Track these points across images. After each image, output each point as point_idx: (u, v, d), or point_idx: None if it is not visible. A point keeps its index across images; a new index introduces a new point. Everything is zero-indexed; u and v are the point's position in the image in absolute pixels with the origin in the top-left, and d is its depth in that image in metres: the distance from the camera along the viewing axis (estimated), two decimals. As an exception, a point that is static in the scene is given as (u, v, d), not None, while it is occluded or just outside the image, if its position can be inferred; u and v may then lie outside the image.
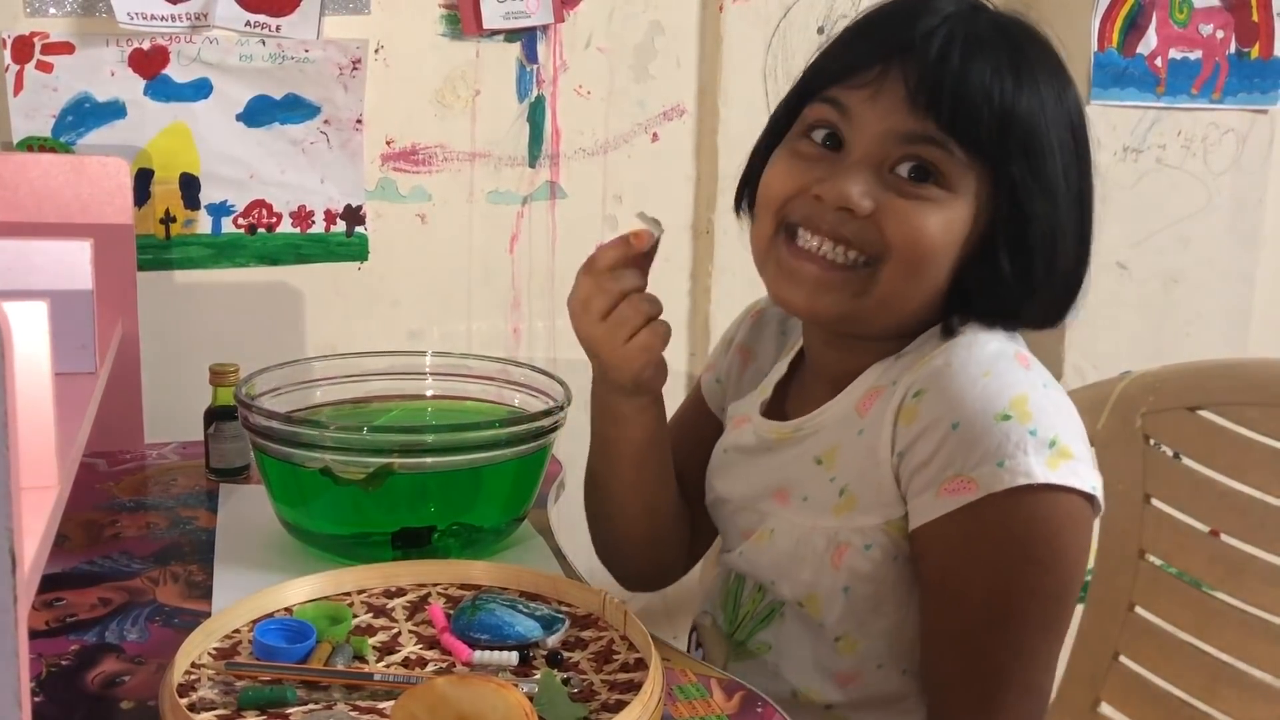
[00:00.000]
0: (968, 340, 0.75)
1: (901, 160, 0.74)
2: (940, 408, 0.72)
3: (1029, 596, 0.71)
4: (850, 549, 0.76)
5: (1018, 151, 0.74)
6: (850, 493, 0.77)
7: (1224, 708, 1.00)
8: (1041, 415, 0.71)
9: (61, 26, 1.23)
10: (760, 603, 0.86)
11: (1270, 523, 0.99)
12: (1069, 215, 0.77)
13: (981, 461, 0.70)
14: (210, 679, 0.70)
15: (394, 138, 1.37)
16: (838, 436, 0.80)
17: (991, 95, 0.73)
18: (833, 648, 0.80)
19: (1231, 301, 1.66)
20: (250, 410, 0.92)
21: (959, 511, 0.71)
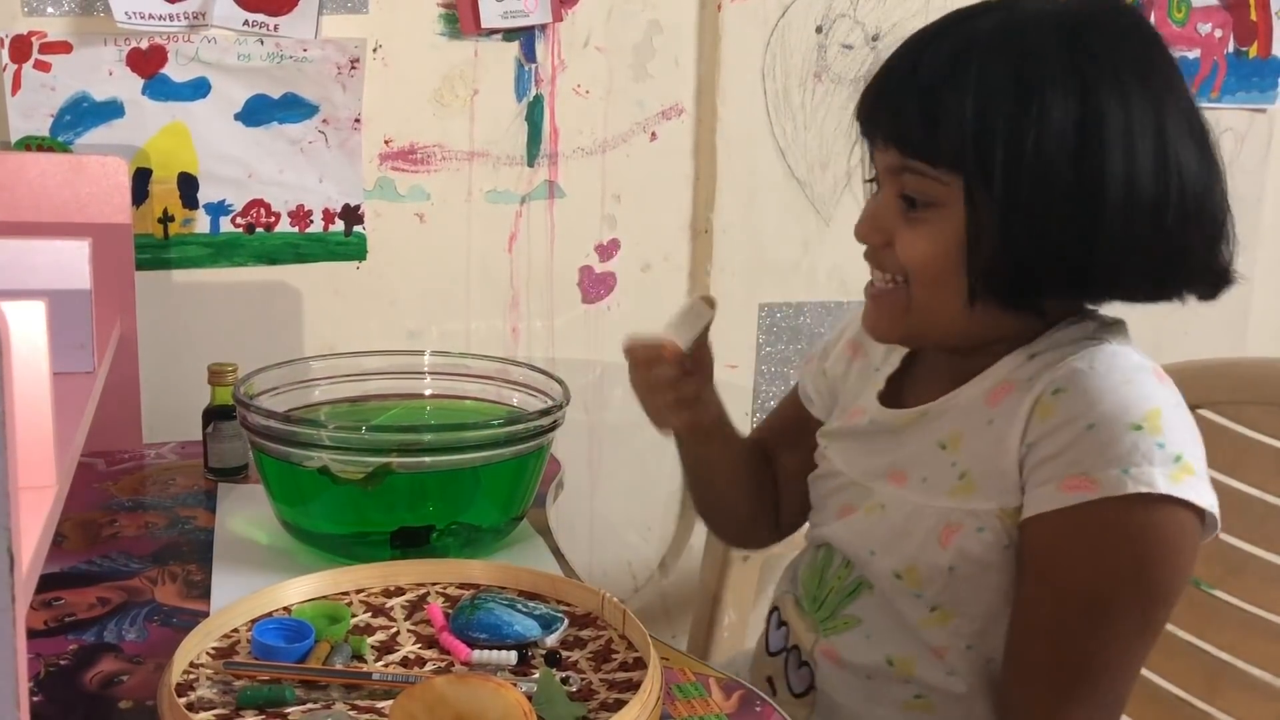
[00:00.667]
0: (1112, 349, 0.78)
1: (902, 188, 0.79)
2: (1079, 406, 0.74)
3: (1128, 599, 0.74)
4: (962, 530, 0.79)
5: (974, 151, 0.74)
6: (970, 477, 0.79)
7: (1223, 706, 1.00)
8: (1171, 430, 0.74)
9: (59, 26, 1.23)
10: (847, 578, 0.87)
11: (1269, 521, 0.99)
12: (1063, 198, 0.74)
13: (1109, 465, 0.72)
14: (209, 678, 0.70)
15: (392, 137, 1.37)
16: (963, 424, 0.82)
17: (932, 112, 0.75)
18: (924, 619, 0.82)
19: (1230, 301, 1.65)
20: (249, 410, 0.92)
21: (1076, 508, 0.73)
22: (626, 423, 1.53)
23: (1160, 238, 0.76)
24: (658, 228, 1.50)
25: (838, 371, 0.97)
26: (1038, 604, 0.77)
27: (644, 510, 1.56)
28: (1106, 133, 0.74)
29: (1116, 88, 0.74)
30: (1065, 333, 0.81)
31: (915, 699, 0.84)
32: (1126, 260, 0.76)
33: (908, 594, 0.82)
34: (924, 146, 0.76)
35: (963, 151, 0.75)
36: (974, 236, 0.76)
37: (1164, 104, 0.76)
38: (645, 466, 1.54)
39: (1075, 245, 0.75)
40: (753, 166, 1.49)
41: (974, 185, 0.75)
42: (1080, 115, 0.74)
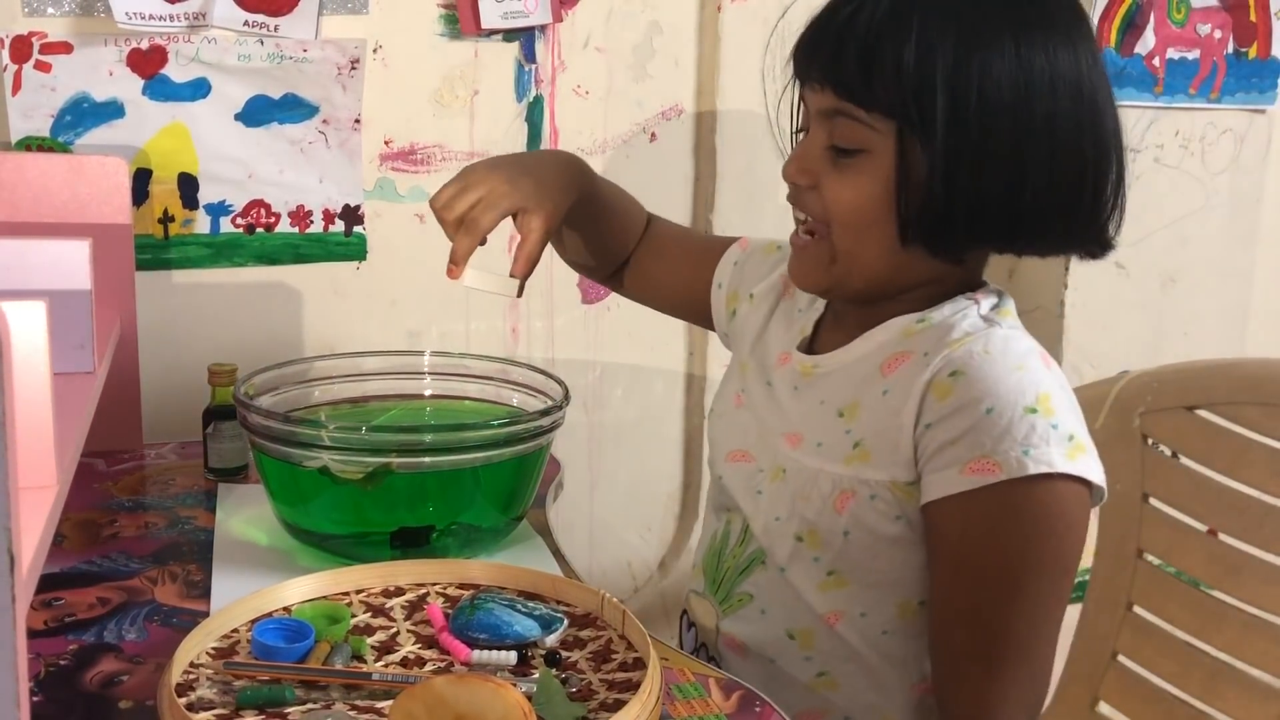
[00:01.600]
0: (1003, 334, 0.81)
1: (830, 135, 0.80)
2: (977, 390, 0.77)
3: (1039, 572, 0.77)
4: (856, 497, 0.82)
5: (913, 99, 0.76)
6: (865, 447, 0.82)
7: (1222, 707, 1.00)
8: (1061, 412, 0.78)
9: (60, 26, 1.23)
10: (741, 555, 0.90)
11: (1268, 522, 0.99)
12: (1007, 145, 0.77)
13: (1009, 447, 0.75)
14: (209, 678, 0.70)
15: (392, 137, 1.37)
16: (859, 392, 0.84)
17: (871, 55, 0.77)
18: (822, 583, 0.84)
19: (1229, 301, 1.66)
20: (249, 410, 0.92)
21: (980, 490, 0.76)
22: (626, 423, 1.54)
23: (1079, 191, 0.79)
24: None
25: (760, 312, 0.97)
26: (953, 587, 0.79)
27: (644, 511, 1.56)
28: (1037, 84, 0.76)
29: (1047, 42, 0.77)
30: (954, 306, 0.83)
31: (818, 677, 0.86)
32: (1050, 211, 0.79)
33: (808, 557, 0.84)
34: (860, 91, 0.78)
35: (900, 99, 0.76)
36: (903, 183, 0.78)
37: (1084, 60, 0.79)
38: (645, 467, 1.54)
39: (1006, 195, 0.77)
40: (752, 167, 1.49)
41: (907, 133, 0.77)
42: (1015, 68, 0.76)
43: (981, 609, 0.78)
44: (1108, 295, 1.58)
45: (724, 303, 1.02)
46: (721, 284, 1.02)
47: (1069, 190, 0.78)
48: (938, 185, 0.77)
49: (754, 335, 0.97)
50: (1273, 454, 0.99)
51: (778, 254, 1.00)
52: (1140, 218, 1.59)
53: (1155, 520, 1.07)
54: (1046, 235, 0.81)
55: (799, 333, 0.93)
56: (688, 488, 1.57)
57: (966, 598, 0.78)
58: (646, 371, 1.52)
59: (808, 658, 0.86)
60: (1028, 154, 0.77)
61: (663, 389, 1.53)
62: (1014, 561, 0.77)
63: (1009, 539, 0.76)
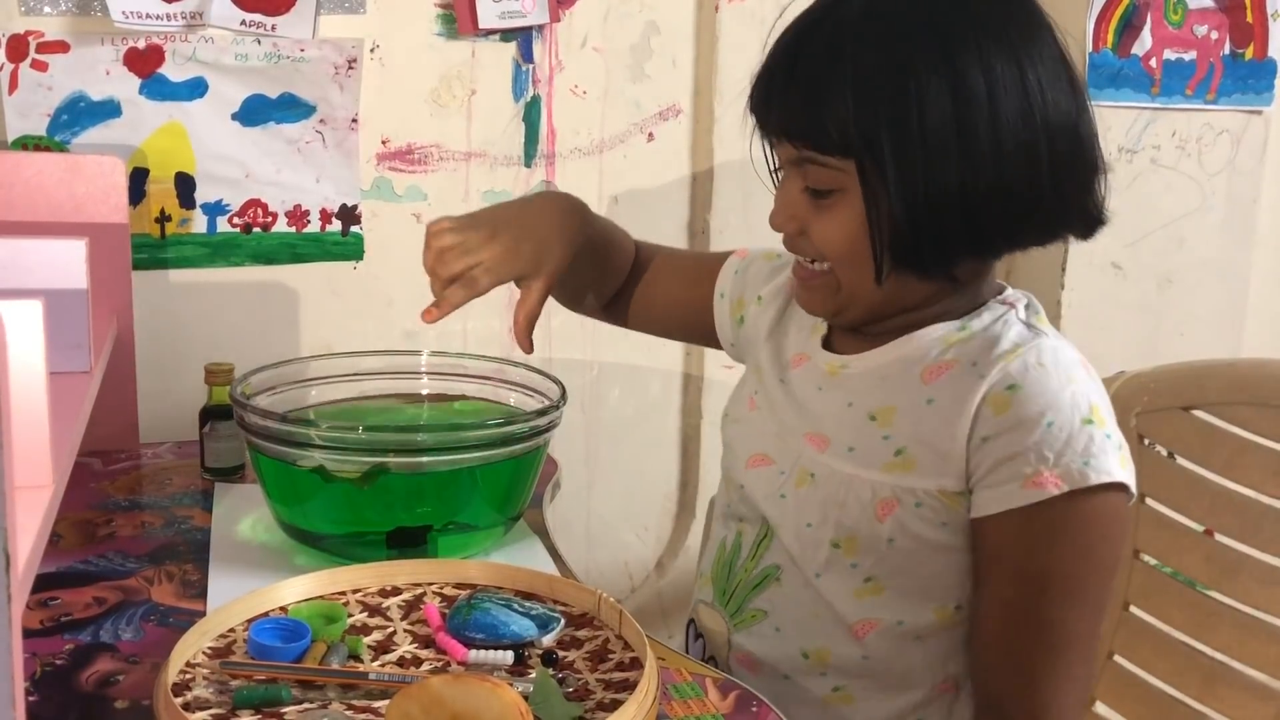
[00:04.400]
0: (1053, 344, 0.82)
1: (804, 179, 0.82)
2: (1038, 404, 0.78)
3: (1097, 575, 0.80)
4: (900, 505, 0.82)
5: (860, 136, 0.78)
6: (909, 455, 0.82)
7: (1218, 707, 1.00)
8: (1110, 422, 0.80)
9: (56, 25, 1.23)
10: (754, 569, 0.89)
11: (1265, 522, 0.99)
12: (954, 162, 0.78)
13: (1071, 460, 0.77)
14: (205, 678, 0.70)
15: (389, 137, 1.37)
16: (897, 398, 0.84)
17: (816, 104, 0.79)
18: (859, 590, 0.84)
19: (1226, 302, 1.66)
20: (245, 410, 0.92)
21: (1044, 502, 0.77)
22: (624, 423, 1.54)
23: (1037, 185, 0.79)
24: (655, 228, 1.49)
25: (770, 313, 0.97)
26: (1016, 595, 0.80)
27: (641, 510, 1.56)
28: (974, 100, 0.77)
29: (977, 52, 0.78)
30: (993, 314, 0.84)
31: (834, 692, 0.85)
32: (1012, 212, 0.80)
33: (844, 564, 0.84)
34: (814, 138, 0.80)
35: (849, 139, 0.78)
36: (873, 216, 0.79)
37: (1023, 57, 0.79)
38: (642, 467, 1.54)
39: (966, 209, 0.78)
40: (749, 167, 1.49)
41: (865, 169, 0.79)
42: (950, 87, 0.77)
43: (1045, 611, 0.79)
44: (1104, 296, 1.58)
45: (728, 312, 1.02)
46: (724, 293, 1.02)
47: (1025, 188, 0.79)
48: (900, 214, 0.78)
49: (765, 335, 0.96)
50: (1269, 454, 0.99)
51: (779, 260, 1.00)
52: (1137, 218, 1.59)
53: (1151, 520, 1.07)
54: (1021, 233, 0.82)
55: (814, 330, 0.93)
56: (685, 487, 1.57)
57: (1031, 601, 0.80)
58: (644, 371, 1.52)
59: (823, 674, 0.85)
60: (977, 166, 0.78)
61: (660, 389, 1.53)
62: (1075, 565, 0.79)
63: (1068, 547, 0.78)
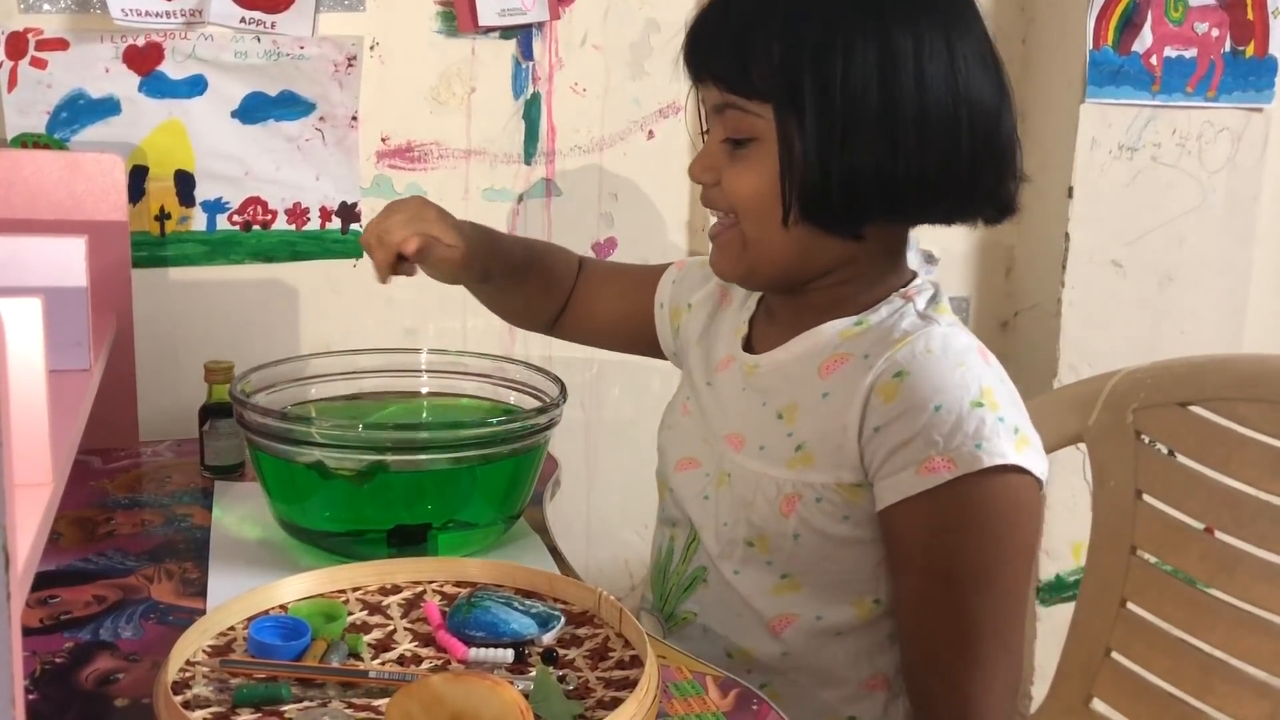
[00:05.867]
0: (942, 331, 0.82)
1: (724, 128, 0.83)
2: (924, 389, 0.78)
3: (1004, 561, 0.79)
4: (801, 500, 0.83)
5: (784, 82, 0.79)
6: (807, 450, 0.83)
7: (1216, 703, 1.00)
8: (1005, 405, 0.79)
9: (56, 23, 1.23)
10: (684, 573, 0.91)
11: (1262, 518, 0.99)
12: (874, 119, 0.78)
13: (961, 443, 0.77)
14: (205, 676, 0.70)
15: (389, 135, 1.37)
16: (798, 394, 0.85)
17: (743, 46, 0.80)
18: (777, 587, 0.85)
19: (1226, 299, 1.66)
20: (245, 407, 0.92)
21: (937, 489, 0.77)
22: (624, 421, 1.54)
23: (955, 161, 0.80)
24: (655, 226, 1.50)
25: (700, 318, 0.98)
26: (925, 587, 0.80)
27: (641, 508, 1.56)
28: (900, 62, 0.78)
29: (909, 20, 0.79)
30: (890, 307, 0.85)
31: (761, 688, 0.85)
32: (926, 182, 0.80)
33: (759, 561, 0.85)
34: (739, 82, 0.81)
35: (773, 84, 0.79)
36: (785, 165, 0.80)
37: (952, 32, 0.80)
38: (642, 465, 1.53)
39: (878, 169, 0.79)
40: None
41: (784, 116, 0.79)
42: (878, 47, 0.78)
43: (956, 604, 0.79)
44: (1105, 294, 1.58)
45: (668, 320, 1.03)
46: (663, 303, 1.04)
47: (944, 159, 0.80)
48: (813, 163, 0.79)
49: (695, 339, 0.98)
50: (1267, 450, 0.99)
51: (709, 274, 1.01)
52: (1137, 216, 1.59)
53: (1149, 517, 1.07)
54: (933, 204, 0.82)
55: (737, 332, 0.94)
56: (684, 485, 1.57)
57: (938, 594, 0.79)
58: (643, 369, 1.52)
59: (749, 671, 0.86)
60: (897, 127, 0.78)
61: (660, 387, 1.53)
62: (979, 554, 0.78)
63: (972, 533, 0.78)
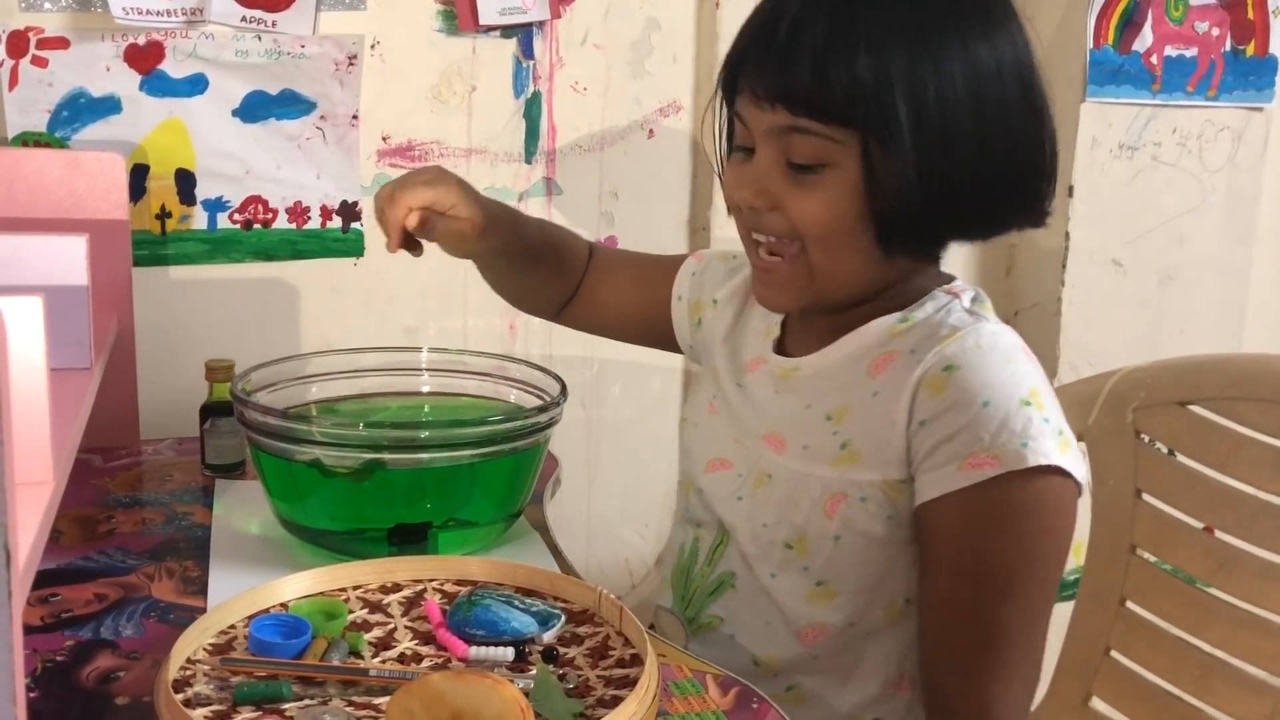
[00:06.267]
0: (992, 328, 0.81)
1: (787, 151, 0.78)
2: (973, 384, 0.77)
3: (1036, 564, 0.78)
4: (846, 500, 0.81)
5: (875, 106, 0.75)
6: (853, 447, 0.81)
7: (1215, 702, 1.01)
8: (1050, 406, 0.78)
9: (56, 21, 1.23)
10: (710, 575, 0.89)
11: (1262, 517, 0.99)
12: (969, 138, 0.77)
13: (1008, 440, 0.75)
14: (206, 675, 0.70)
15: (390, 134, 1.37)
16: (849, 396, 0.83)
17: (824, 68, 0.75)
18: (811, 594, 0.83)
19: (1226, 299, 1.66)
20: (246, 406, 0.92)
21: (979, 485, 0.76)
22: (624, 420, 1.54)
23: (1032, 168, 0.79)
24: (655, 225, 1.50)
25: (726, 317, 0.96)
26: (953, 584, 0.79)
27: (641, 507, 1.57)
28: (986, 74, 0.77)
29: (985, 30, 0.77)
30: (936, 303, 0.83)
31: (787, 691, 0.85)
32: (1011, 192, 0.79)
33: (797, 566, 0.83)
34: (815, 104, 0.76)
35: (858, 106, 0.75)
36: (874, 192, 0.77)
37: (1018, 39, 0.79)
38: (642, 463, 1.54)
39: (976, 186, 0.77)
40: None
41: (871, 141, 0.75)
42: (964, 61, 0.76)
43: (983, 603, 0.78)
44: (1105, 293, 1.58)
45: (686, 314, 1.01)
46: (681, 296, 1.01)
47: (1023, 170, 0.79)
48: (914, 190, 0.76)
49: (721, 338, 0.96)
50: (1266, 450, 0.99)
51: (735, 261, 0.99)
52: (1138, 215, 1.59)
53: (1148, 516, 1.07)
54: (1008, 217, 0.82)
55: (767, 334, 0.92)
56: (685, 484, 1.57)
57: (968, 593, 0.78)
58: (644, 368, 1.52)
59: (775, 675, 0.85)
60: (991, 143, 0.77)
61: (660, 386, 1.53)
62: (1013, 556, 0.77)
63: (1008, 533, 0.77)
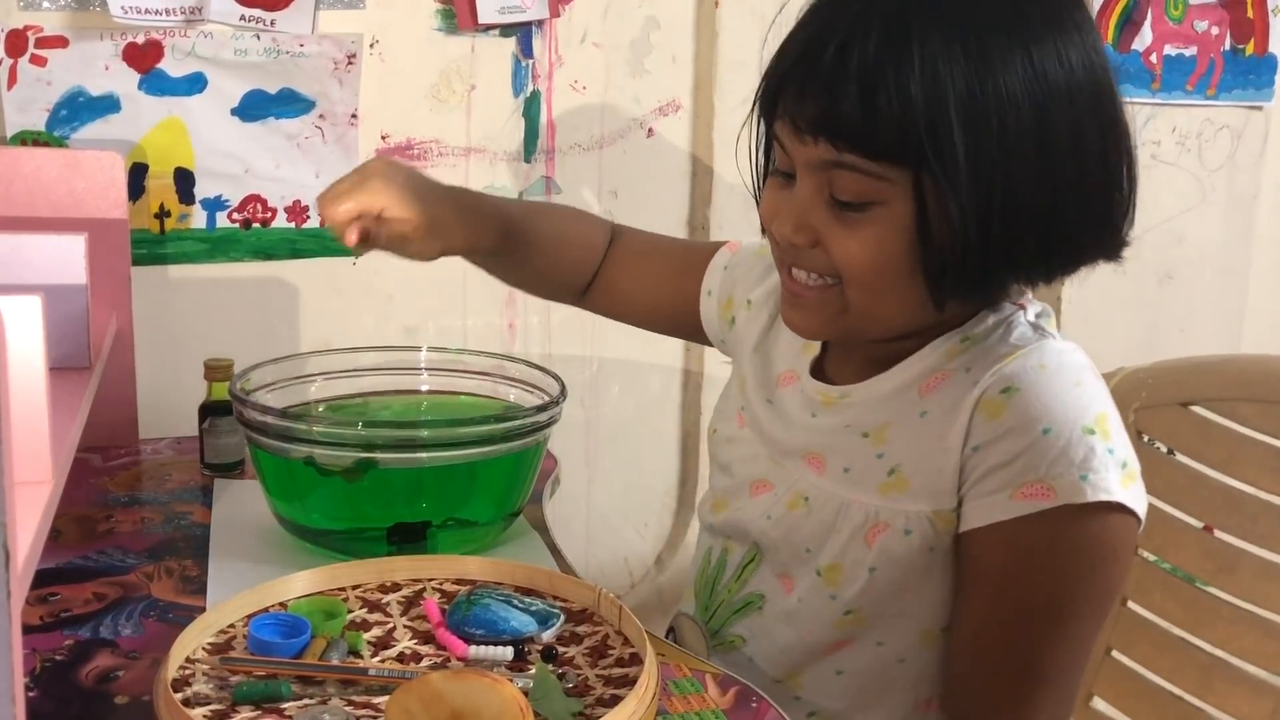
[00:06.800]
0: (1058, 346, 0.75)
1: (830, 186, 0.72)
2: (1034, 409, 0.71)
3: (1082, 604, 0.73)
4: (889, 530, 0.75)
5: (928, 141, 0.67)
6: (902, 474, 0.75)
7: (1216, 702, 1.01)
8: (1117, 435, 0.73)
9: (55, 20, 1.23)
10: (737, 593, 0.86)
11: (1263, 518, 0.99)
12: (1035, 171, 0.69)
13: (1065, 470, 0.70)
14: (205, 674, 0.70)
15: (389, 133, 1.37)
16: (890, 413, 0.77)
17: (873, 99, 0.67)
18: (838, 622, 0.79)
19: (1226, 298, 1.66)
20: (245, 405, 0.92)
21: (1030, 517, 0.71)
22: (623, 419, 1.54)
23: (1109, 198, 0.72)
24: (655, 224, 1.49)
25: (760, 321, 0.90)
26: (990, 617, 0.74)
27: (640, 506, 1.57)
28: (1056, 97, 0.68)
29: (1056, 43, 0.69)
30: (997, 316, 0.77)
31: (809, 717, 0.82)
32: (1085, 226, 0.72)
33: (824, 594, 0.79)
34: (862, 139, 0.68)
35: (912, 144, 0.67)
36: (925, 233, 0.69)
37: (1092, 52, 0.70)
38: (642, 463, 1.54)
39: (1042, 223, 0.70)
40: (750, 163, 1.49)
41: (926, 178, 0.68)
42: (1031, 83, 0.67)
43: (1019, 641, 0.73)
44: (1104, 292, 1.58)
45: (717, 311, 0.95)
46: (711, 291, 0.95)
47: (1099, 201, 0.72)
48: (971, 231, 0.68)
49: (753, 345, 0.90)
50: (1267, 450, 0.99)
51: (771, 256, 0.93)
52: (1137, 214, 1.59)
53: (1150, 516, 1.06)
54: (1082, 253, 0.74)
55: (804, 349, 0.85)
56: (684, 484, 1.57)
57: (1004, 628, 0.74)
58: (643, 367, 1.52)
59: (797, 698, 0.82)
60: (1058, 175, 0.69)
61: (659, 385, 1.53)
62: (1058, 594, 0.72)
63: (1056, 570, 0.72)
